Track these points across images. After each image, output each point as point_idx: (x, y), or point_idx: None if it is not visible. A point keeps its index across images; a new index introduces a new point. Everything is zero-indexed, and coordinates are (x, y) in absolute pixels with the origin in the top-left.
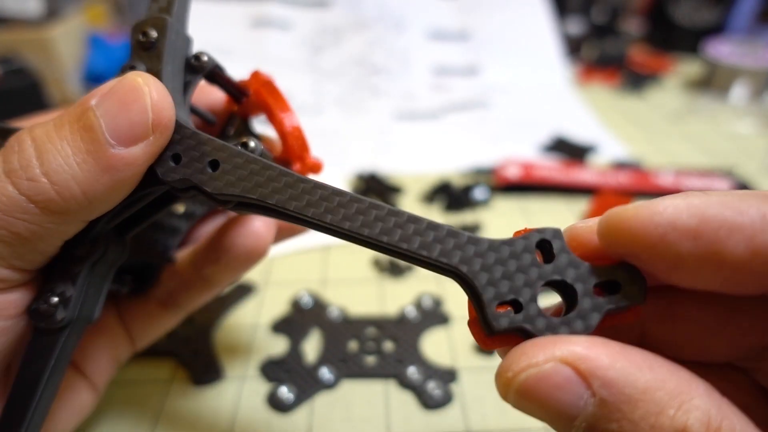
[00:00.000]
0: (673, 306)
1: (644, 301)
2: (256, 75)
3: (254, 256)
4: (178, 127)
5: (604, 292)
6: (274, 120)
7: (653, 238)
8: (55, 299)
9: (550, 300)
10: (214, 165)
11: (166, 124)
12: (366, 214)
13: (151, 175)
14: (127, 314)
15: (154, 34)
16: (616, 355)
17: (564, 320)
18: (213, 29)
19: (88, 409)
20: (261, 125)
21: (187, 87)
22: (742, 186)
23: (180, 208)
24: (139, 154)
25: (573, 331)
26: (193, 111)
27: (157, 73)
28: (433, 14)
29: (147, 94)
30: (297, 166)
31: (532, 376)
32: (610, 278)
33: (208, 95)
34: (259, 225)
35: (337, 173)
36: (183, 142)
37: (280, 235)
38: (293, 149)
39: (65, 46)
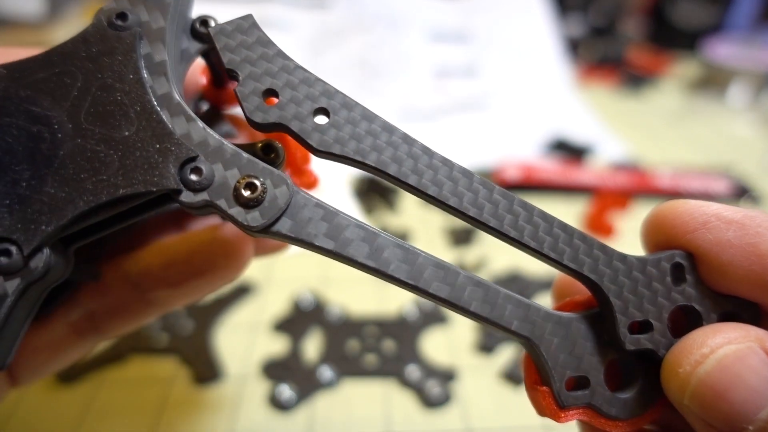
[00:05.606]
0: None
1: None
2: None
3: (228, 276)
4: (274, 54)
5: (722, 320)
6: None
7: (697, 223)
8: None
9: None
10: (323, 113)
11: None
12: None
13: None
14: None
15: None
16: None
17: None
18: None
19: None
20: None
21: (183, 55)
22: (740, 186)
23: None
24: None
25: None
26: None
27: (160, 30)
28: (433, 16)
29: None
30: (294, 180)
31: (730, 354)
32: (731, 309)
33: None
34: (240, 239)
35: (338, 174)
36: (279, 75)
37: (258, 252)
38: (294, 159)
39: None
